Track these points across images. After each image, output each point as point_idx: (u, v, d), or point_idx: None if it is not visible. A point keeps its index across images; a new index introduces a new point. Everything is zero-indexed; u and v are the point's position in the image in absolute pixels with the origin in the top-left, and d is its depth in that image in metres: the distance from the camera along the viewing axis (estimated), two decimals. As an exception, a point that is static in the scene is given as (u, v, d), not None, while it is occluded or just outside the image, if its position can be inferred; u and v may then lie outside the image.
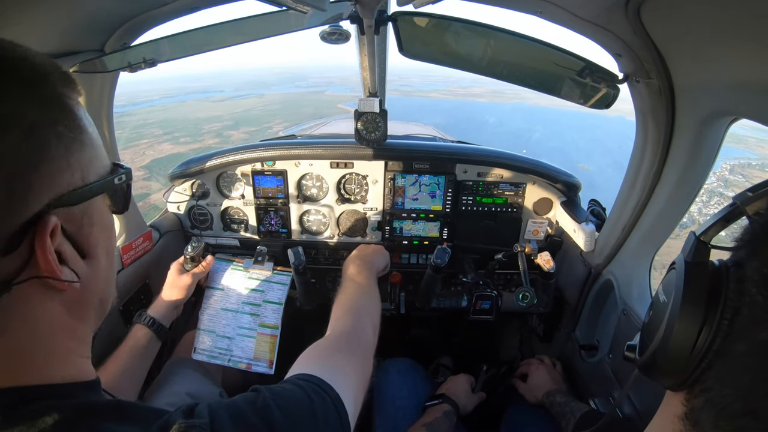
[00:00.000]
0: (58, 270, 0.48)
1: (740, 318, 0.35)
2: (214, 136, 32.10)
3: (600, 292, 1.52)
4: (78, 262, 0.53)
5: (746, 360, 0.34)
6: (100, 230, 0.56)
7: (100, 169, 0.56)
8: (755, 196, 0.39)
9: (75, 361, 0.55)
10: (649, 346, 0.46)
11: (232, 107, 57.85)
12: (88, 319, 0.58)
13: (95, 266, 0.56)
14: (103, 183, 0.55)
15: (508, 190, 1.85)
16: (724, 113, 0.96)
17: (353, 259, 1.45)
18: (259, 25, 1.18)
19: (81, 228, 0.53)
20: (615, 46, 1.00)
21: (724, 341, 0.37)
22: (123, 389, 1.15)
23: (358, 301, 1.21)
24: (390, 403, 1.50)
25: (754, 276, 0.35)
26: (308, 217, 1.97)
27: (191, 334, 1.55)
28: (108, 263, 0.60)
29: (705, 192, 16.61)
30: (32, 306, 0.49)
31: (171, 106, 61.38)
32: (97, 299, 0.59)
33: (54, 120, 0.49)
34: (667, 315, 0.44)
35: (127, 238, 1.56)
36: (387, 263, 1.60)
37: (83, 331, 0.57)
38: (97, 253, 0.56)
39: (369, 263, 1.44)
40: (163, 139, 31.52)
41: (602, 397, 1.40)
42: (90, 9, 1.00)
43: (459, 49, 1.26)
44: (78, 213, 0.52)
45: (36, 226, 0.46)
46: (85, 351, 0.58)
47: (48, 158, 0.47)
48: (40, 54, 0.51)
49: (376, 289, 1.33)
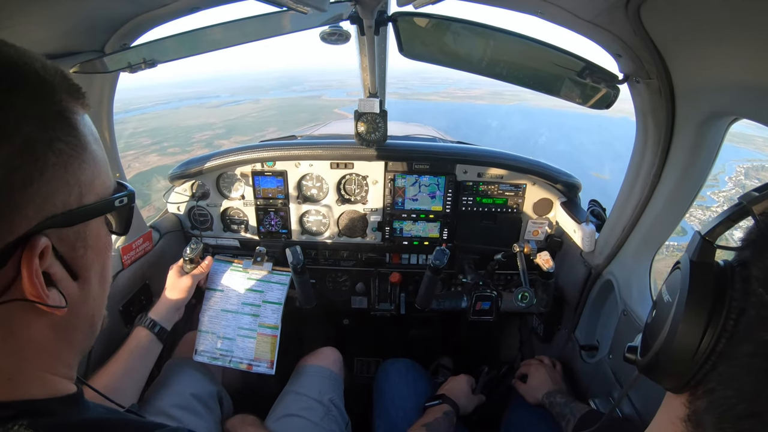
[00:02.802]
0: (45, 294, 0.45)
1: (745, 318, 0.35)
2: (203, 145, 31.69)
3: (600, 293, 1.52)
4: (69, 284, 0.50)
5: (751, 361, 0.33)
6: (94, 253, 0.53)
7: (101, 189, 0.53)
8: (761, 196, 0.38)
9: (55, 381, 0.53)
10: (652, 347, 0.46)
11: (226, 114, 57.44)
12: (75, 342, 0.55)
13: (87, 289, 0.53)
14: (101, 204, 0.52)
15: (508, 190, 1.85)
16: (724, 113, 0.96)
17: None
18: (259, 25, 1.18)
19: (75, 250, 0.50)
20: (615, 46, 1.01)
21: (729, 342, 0.36)
22: (124, 390, 1.15)
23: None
24: (390, 403, 1.50)
25: (760, 276, 0.34)
26: (308, 218, 1.97)
27: (191, 334, 1.55)
28: (100, 287, 0.57)
29: (725, 201, 16.54)
30: (16, 324, 0.47)
31: (164, 113, 60.91)
32: (87, 322, 0.56)
33: (53, 136, 0.46)
34: (671, 315, 0.43)
35: (127, 238, 1.56)
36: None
37: (68, 354, 0.55)
38: (89, 276, 0.53)
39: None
40: (150, 150, 31.02)
41: (602, 397, 1.40)
42: (90, 9, 1.00)
43: (459, 49, 1.26)
44: (72, 234, 0.49)
45: (24, 246, 0.43)
46: (68, 374, 0.55)
47: (44, 177, 0.44)
48: (51, 64, 0.48)
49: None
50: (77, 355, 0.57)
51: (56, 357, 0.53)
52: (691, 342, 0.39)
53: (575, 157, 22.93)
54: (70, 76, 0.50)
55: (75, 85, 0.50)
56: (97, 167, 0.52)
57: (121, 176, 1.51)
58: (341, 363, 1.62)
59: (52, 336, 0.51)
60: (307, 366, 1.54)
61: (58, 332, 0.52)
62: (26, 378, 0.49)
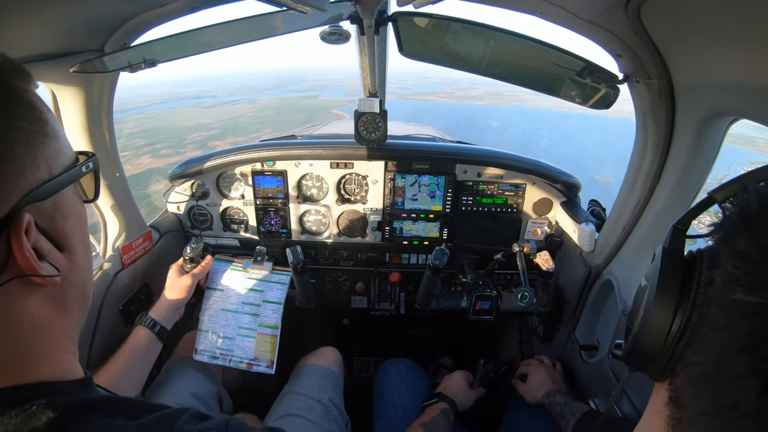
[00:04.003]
0: (39, 266, 0.48)
1: (713, 288, 0.35)
2: (197, 147, 31.36)
3: (600, 293, 1.52)
4: (56, 255, 0.53)
5: (718, 320, 0.33)
6: (74, 221, 0.56)
7: (66, 160, 0.55)
8: (723, 186, 0.41)
9: (63, 359, 0.55)
10: (630, 333, 0.47)
11: (221, 114, 57.02)
12: (73, 312, 0.58)
13: (74, 258, 0.56)
14: (70, 173, 0.54)
15: (508, 190, 1.85)
16: (724, 113, 0.96)
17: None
18: (260, 25, 1.18)
19: (54, 221, 0.52)
20: (615, 46, 1.01)
21: (700, 315, 0.37)
22: (124, 390, 1.15)
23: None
24: (389, 403, 1.50)
25: (726, 254, 0.35)
26: (308, 218, 1.97)
27: (191, 333, 1.55)
28: (85, 253, 0.59)
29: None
30: (16, 305, 0.49)
31: (159, 113, 60.49)
32: (80, 290, 0.59)
33: (14, 116, 0.47)
34: (644, 300, 0.45)
35: (127, 238, 1.56)
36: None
37: (69, 325, 0.57)
38: (74, 245, 0.56)
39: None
40: (143, 152, 30.74)
41: (602, 397, 1.40)
42: (90, 9, 1.00)
43: (459, 49, 1.26)
44: (49, 207, 0.51)
45: (9, 226, 0.45)
46: (72, 348, 0.58)
47: (12, 156, 0.46)
48: None
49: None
50: (77, 327, 0.60)
51: (60, 332, 0.55)
52: (664, 320, 0.40)
53: (579, 160, 22.83)
54: (11, 58, 0.51)
55: (19, 65, 0.52)
56: (58, 140, 0.54)
57: (122, 176, 1.51)
58: (341, 363, 1.62)
59: (53, 311, 0.53)
60: (307, 365, 1.54)
61: (57, 305, 0.54)
62: (36, 360, 0.51)
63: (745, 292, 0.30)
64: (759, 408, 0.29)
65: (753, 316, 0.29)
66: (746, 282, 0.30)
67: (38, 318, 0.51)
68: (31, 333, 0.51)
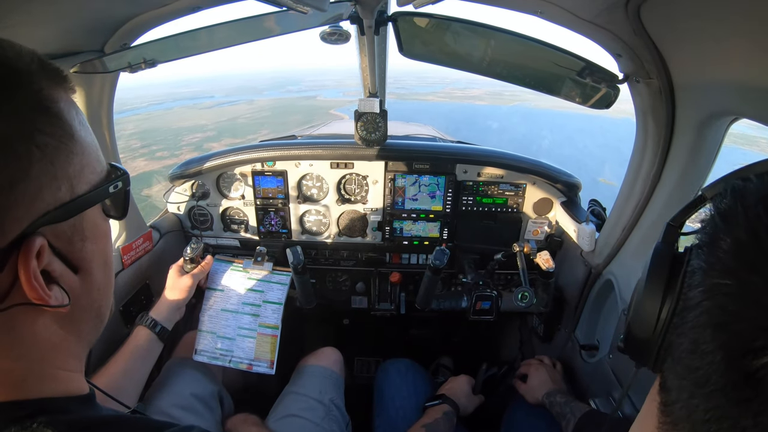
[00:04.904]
0: (46, 295, 0.44)
1: (696, 276, 0.37)
2: (193, 149, 31.05)
3: (600, 292, 1.52)
4: (70, 278, 0.49)
5: (695, 301, 0.35)
6: (93, 243, 0.51)
7: (93, 177, 0.50)
8: (713, 184, 0.44)
9: (68, 376, 0.53)
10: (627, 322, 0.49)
11: (218, 115, 56.69)
12: (83, 333, 0.55)
13: (89, 280, 0.52)
14: (95, 193, 0.50)
15: (508, 190, 1.85)
16: (724, 113, 0.96)
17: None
18: (259, 25, 1.18)
19: (72, 244, 0.48)
20: (615, 46, 1.01)
21: (685, 302, 0.38)
22: (124, 390, 1.14)
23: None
24: (390, 403, 1.50)
25: (709, 245, 0.36)
26: (308, 218, 1.97)
27: (191, 334, 1.54)
28: (104, 275, 0.55)
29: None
30: (20, 326, 0.46)
31: (156, 114, 60.10)
32: (93, 314, 0.55)
33: (35, 129, 0.42)
34: (638, 290, 0.47)
35: (127, 238, 1.56)
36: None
37: (77, 346, 0.54)
38: (91, 267, 0.52)
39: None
40: (138, 154, 30.53)
41: (602, 397, 1.40)
42: (90, 9, 1.00)
43: (459, 49, 1.26)
44: (68, 229, 0.47)
45: (19, 249, 0.41)
46: (78, 366, 0.55)
47: (29, 176, 0.41)
48: (27, 50, 0.45)
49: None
50: (86, 346, 0.56)
51: (66, 352, 0.52)
52: (652, 309, 0.41)
53: (581, 161, 22.83)
54: (48, 61, 0.47)
55: (56, 69, 0.47)
56: (86, 155, 0.49)
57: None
58: (342, 363, 1.62)
59: (60, 331, 0.50)
60: (308, 366, 1.54)
61: (65, 327, 0.51)
62: (39, 377, 0.49)
63: (720, 276, 0.32)
64: (725, 383, 0.30)
65: (722, 295, 0.31)
66: (719, 267, 0.32)
67: (44, 339, 0.48)
68: (35, 353, 0.48)
